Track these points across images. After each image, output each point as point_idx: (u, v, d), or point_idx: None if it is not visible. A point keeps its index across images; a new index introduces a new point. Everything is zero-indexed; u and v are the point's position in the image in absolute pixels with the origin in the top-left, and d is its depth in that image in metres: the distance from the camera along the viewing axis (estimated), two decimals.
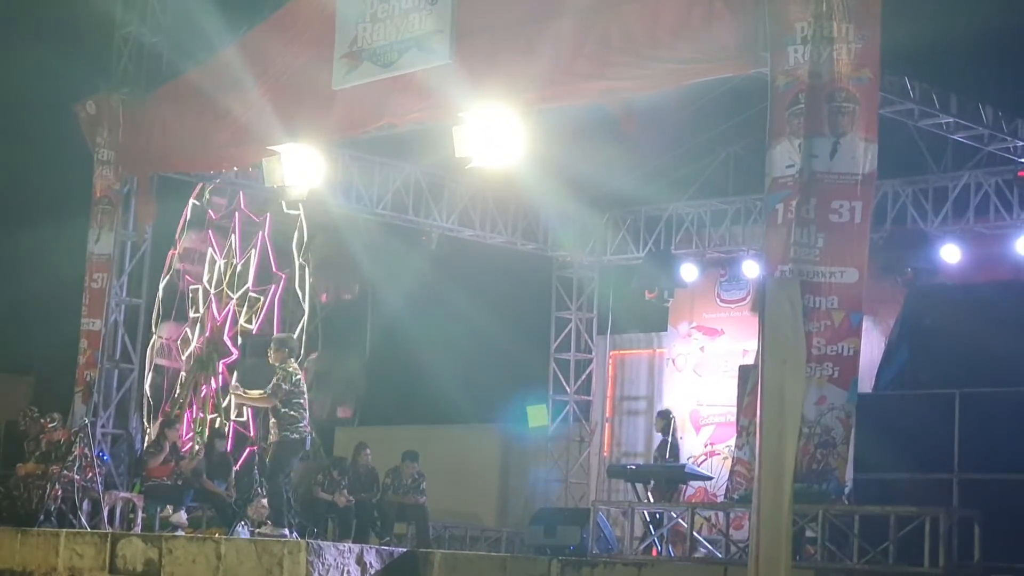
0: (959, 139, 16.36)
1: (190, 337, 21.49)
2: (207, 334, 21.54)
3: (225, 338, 21.27)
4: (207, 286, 21.62)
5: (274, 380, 14.38)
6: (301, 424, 14.35)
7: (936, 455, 11.48)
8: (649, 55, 12.87)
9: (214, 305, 21.54)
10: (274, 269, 21.13)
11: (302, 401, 14.42)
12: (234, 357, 21.01)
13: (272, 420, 14.49)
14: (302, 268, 20.98)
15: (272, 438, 14.53)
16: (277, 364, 14.45)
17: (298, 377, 14.49)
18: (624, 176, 20.09)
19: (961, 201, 18.13)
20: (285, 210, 20.91)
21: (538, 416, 22.08)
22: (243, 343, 20.77)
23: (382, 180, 19.66)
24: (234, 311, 21.34)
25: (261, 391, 14.50)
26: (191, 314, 21.53)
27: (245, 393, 14.90)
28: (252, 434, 20.22)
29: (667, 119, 17.26)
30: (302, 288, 20.95)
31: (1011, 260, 17.72)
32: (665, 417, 17.63)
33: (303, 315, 20.90)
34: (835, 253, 11.24)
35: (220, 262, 21.55)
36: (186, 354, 21.52)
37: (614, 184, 20.42)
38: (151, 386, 20.92)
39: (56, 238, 20.54)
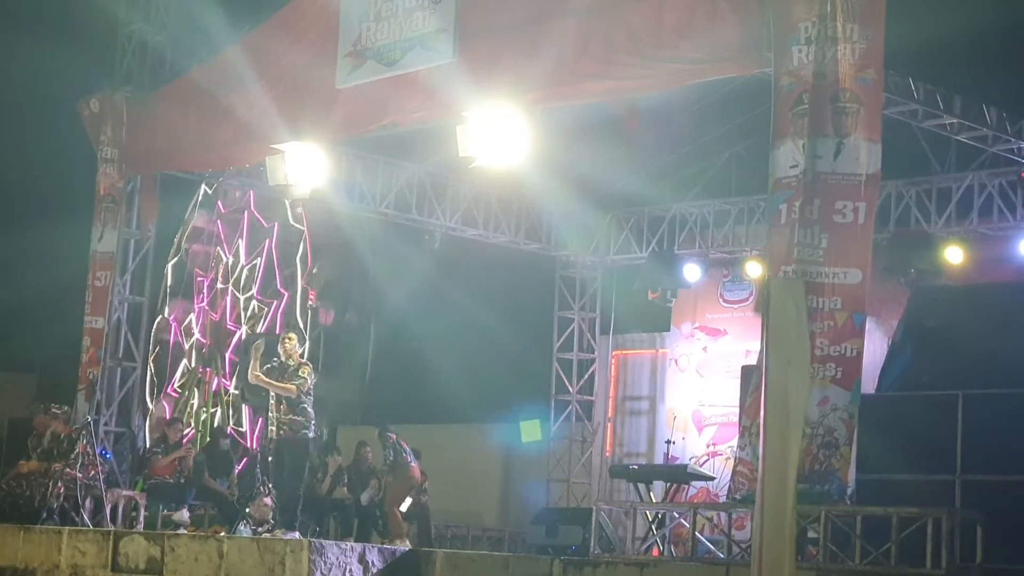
0: (963, 140, 16.34)
1: (194, 327, 21.45)
2: (211, 331, 21.52)
3: (227, 324, 21.20)
4: (214, 277, 21.60)
5: (298, 375, 14.31)
6: (314, 422, 14.47)
7: (939, 456, 11.48)
8: (653, 55, 12.87)
9: (220, 301, 21.53)
10: (278, 285, 21.11)
11: (312, 398, 14.50)
12: (236, 338, 20.96)
13: (290, 416, 14.44)
14: (304, 292, 20.96)
15: (285, 434, 14.42)
16: (292, 359, 14.42)
17: (313, 376, 14.56)
18: (627, 176, 20.08)
19: (965, 202, 18.11)
20: (291, 222, 20.91)
21: (531, 431, 22.06)
22: (244, 342, 20.75)
23: (385, 179, 19.66)
24: (239, 314, 21.33)
25: (286, 384, 14.33)
26: (196, 304, 21.50)
27: (265, 377, 14.51)
28: (248, 444, 20.19)
29: (671, 119, 17.26)
30: (303, 315, 20.94)
31: (1015, 261, 17.70)
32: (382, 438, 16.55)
33: (303, 234, 20.88)
34: (839, 254, 11.23)
35: (228, 259, 21.53)
36: (190, 343, 21.46)
37: (617, 184, 20.41)
38: (155, 361, 20.83)
39: (59, 236, 20.53)
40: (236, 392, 20.79)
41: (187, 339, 21.43)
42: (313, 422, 14.50)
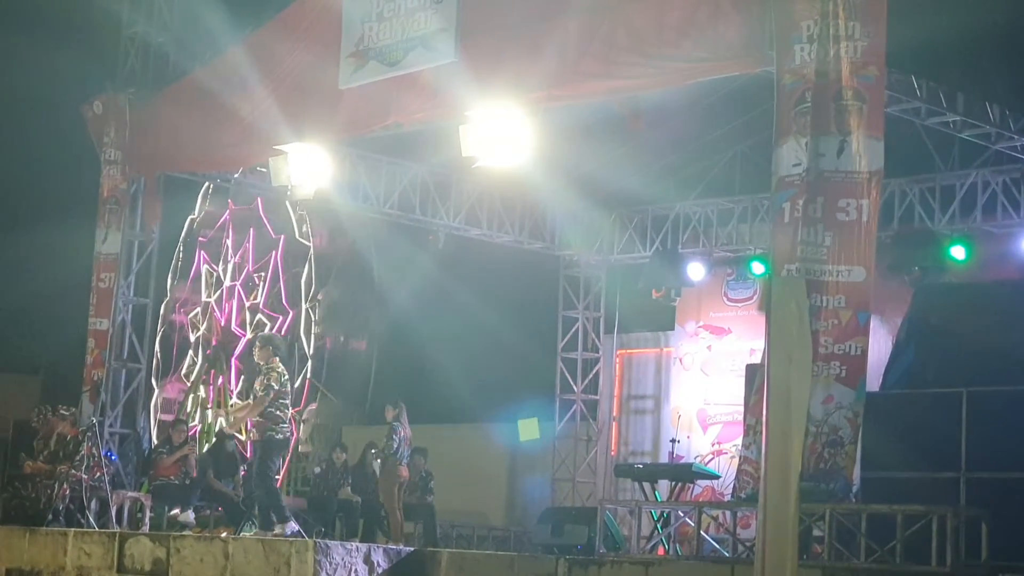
0: (966, 137, 16.32)
1: (194, 358, 21.43)
2: (214, 343, 21.55)
3: (233, 327, 21.22)
4: (206, 299, 21.61)
5: (265, 381, 14.31)
6: (285, 424, 14.33)
7: (943, 454, 11.47)
8: (655, 54, 12.87)
9: (215, 310, 21.55)
10: (284, 302, 21.15)
11: (287, 401, 14.43)
12: (243, 344, 20.93)
13: (258, 419, 14.49)
14: (300, 217, 20.98)
15: (254, 437, 14.46)
16: (263, 363, 14.41)
17: (286, 378, 14.46)
18: (631, 175, 20.07)
19: (968, 200, 18.09)
20: (297, 237, 21.00)
21: (529, 430, 22.04)
22: (249, 343, 20.78)
23: (389, 179, 19.67)
24: (239, 299, 21.35)
25: (247, 401, 14.43)
26: (192, 337, 21.49)
27: (234, 408, 14.69)
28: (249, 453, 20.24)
29: (674, 118, 17.24)
30: (307, 335, 21.00)
31: (1018, 259, 17.68)
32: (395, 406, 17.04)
33: (307, 254, 20.95)
34: (842, 252, 11.22)
35: (218, 270, 21.57)
36: (192, 373, 21.46)
37: (621, 183, 20.40)
38: (157, 438, 20.86)
39: (63, 238, 20.57)
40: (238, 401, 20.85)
41: (185, 406, 21.42)
42: (284, 424, 14.40)
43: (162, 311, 20.82)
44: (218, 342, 21.42)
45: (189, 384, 21.41)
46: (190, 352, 21.41)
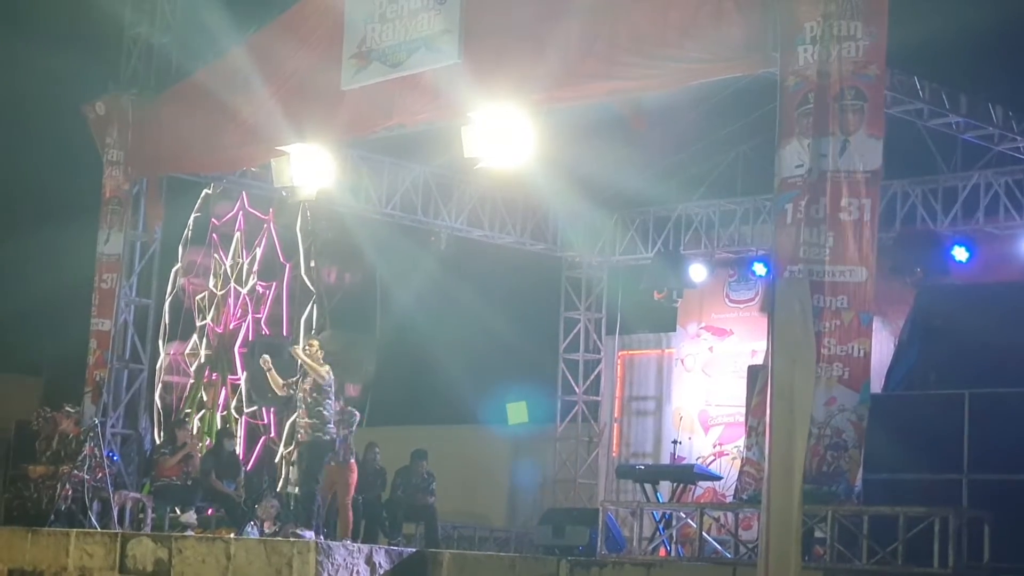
0: (969, 139, 16.33)
1: (198, 345, 21.42)
2: (219, 333, 21.49)
3: (235, 350, 21.18)
4: (214, 290, 21.57)
5: (327, 367, 14.63)
6: (330, 425, 14.56)
7: (946, 455, 11.47)
8: (658, 55, 12.88)
9: (222, 307, 21.48)
10: (280, 258, 21.10)
11: (331, 402, 14.66)
12: (239, 377, 20.93)
13: (306, 420, 14.71)
14: (307, 251, 20.97)
15: (302, 438, 14.67)
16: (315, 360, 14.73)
17: (332, 379, 14.72)
18: (633, 176, 20.06)
19: (971, 201, 18.10)
20: (275, 184, 20.86)
21: (518, 413, 22.03)
22: (252, 344, 20.74)
23: (391, 180, 19.69)
24: (243, 305, 21.31)
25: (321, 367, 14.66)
26: (198, 322, 21.47)
27: (305, 358, 14.79)
28: (264, 422, 20.25)
29: (676, 119, 17.24)
30: (308, 273, 20.99)
31: (1021, 260, 17.68)
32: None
33: (311, 297, 20.95)
34: (844, 252, 11.24)
35: (227, 264, 21.52)
36: (194, 366, 21.43)
37: (623, 184, 20.40)
38: (160, 401, 20.87)
39: (66, 239, 20.56)
40: (243, 398, 20.81)
41: (191, 365, 21.37)
42: (329, 425, 14.62)
43: (172, 276, 20.87)
44: (219, 345, 21.35)
45: (191, 381, 21.38)
46: (194, 336, 21.40)
